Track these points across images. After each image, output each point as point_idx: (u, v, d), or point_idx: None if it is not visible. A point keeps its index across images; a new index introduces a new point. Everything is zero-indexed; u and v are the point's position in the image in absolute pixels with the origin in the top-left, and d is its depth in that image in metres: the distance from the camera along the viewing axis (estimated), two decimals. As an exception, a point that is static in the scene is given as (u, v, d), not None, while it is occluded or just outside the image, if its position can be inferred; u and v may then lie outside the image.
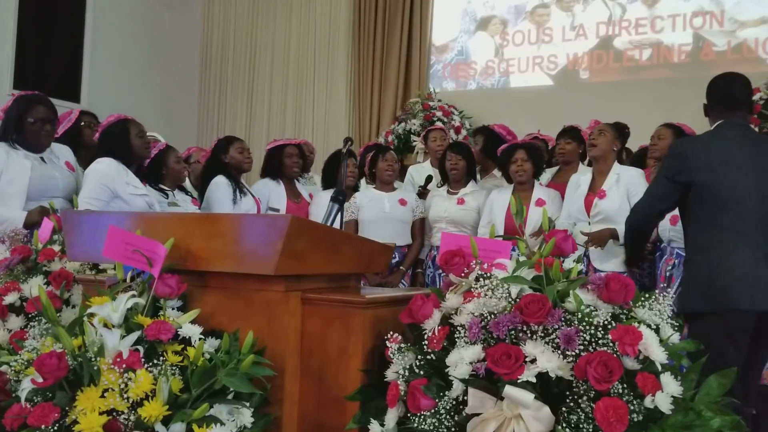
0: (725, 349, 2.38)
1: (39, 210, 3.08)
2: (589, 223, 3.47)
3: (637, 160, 4.24)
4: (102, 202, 3.07)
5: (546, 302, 1.53)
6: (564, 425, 1.44)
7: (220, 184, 3.83)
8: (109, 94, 7.12)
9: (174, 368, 1.59)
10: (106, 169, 3.12)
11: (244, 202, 3.82)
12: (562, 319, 1.53)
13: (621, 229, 3.24)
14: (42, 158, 3.30)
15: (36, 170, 3.20)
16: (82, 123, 3.85)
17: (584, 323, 1.51)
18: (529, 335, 1.53)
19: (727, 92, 2.71)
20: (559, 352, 1.50)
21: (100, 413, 1.48)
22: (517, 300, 1.58)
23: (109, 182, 3.08)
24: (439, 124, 6.21)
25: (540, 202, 3.65)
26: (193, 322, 1.74)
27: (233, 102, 8.31)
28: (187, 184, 4.24)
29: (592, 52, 6.72)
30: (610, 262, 3.36)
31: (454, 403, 1.57)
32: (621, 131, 3.83)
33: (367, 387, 1.75)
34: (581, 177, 3.66)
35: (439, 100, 6.94)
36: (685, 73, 6.17)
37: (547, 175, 4.15)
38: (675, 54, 6.31)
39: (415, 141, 6.64)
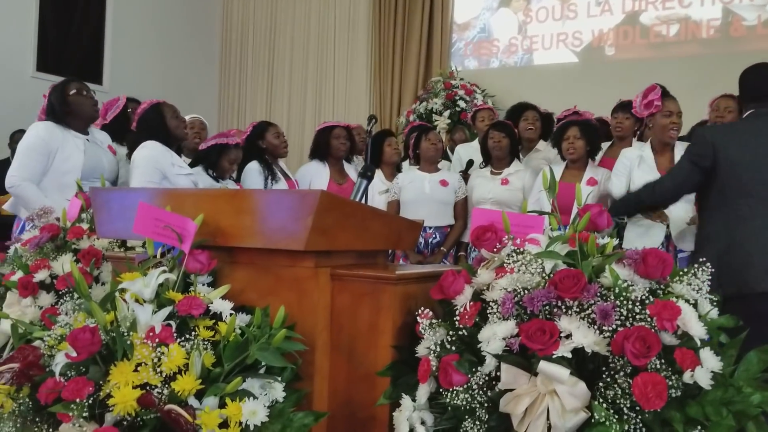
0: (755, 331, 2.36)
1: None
2: None
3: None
4: (155, 184, 3.12)
5: (581, 277, 1.51)
6: (600, 401, 1.42)
7: (252, 170, 3.91)
8: (130, 76, 7.14)
9: (206, 343, 1.60)
10: (152, 153, 3.19)
11: (275, 188, 3.86)
12: (598, 294, 1.50)
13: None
14: (87, 140, 3.37)
15: (88, 150, 3.28)
16: (129, 109, 3.90)
17: (621, 298, 1.48)
18: (563, 311, 1.51)
19: (757, 83, 2.76)
20: (595, 327, 1.47)
21: (134, 387, 1.49)
22: (551, 275, 1.56)
23: (157, 165, 3.17)
24: (487, 103, 6.13)
25: (591, 181, 3.60)
26: (223, 297, 1.74)
27: (254, 83, 8.31)
28: None
29: (618, 28, 6.61)
30: (692, 242, 3.21)
31: (486, 378, 1.55)
32: None
33: (398, 363, 1.74)
34: (642, 152, 3.52)
35: (461, 79, 6.89)
36: (714, 49, 6.05)
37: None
38: (704, 29, 6.19)
39: (436, 120, 6.60)
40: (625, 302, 1.48)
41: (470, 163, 4.57)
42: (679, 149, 3.41)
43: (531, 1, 7.03)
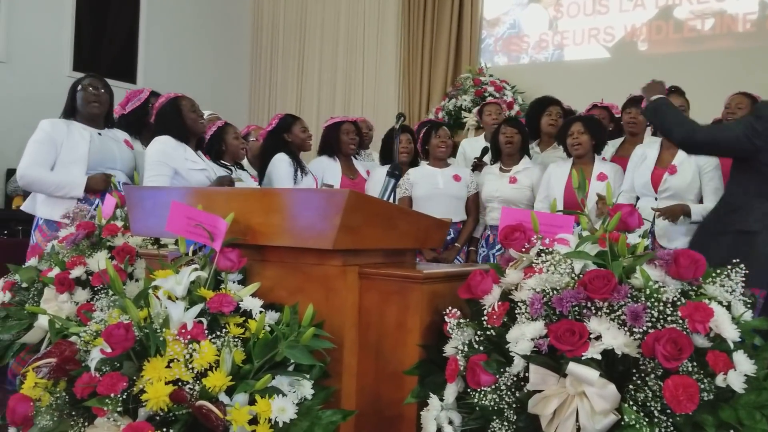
0: None
1: (101, 176, 3.18)
2: (656, 199, 3.35)
3: None
4: (164, 177, 3.12)
5: (612, 278, 1.50)
6: (631, 403, 1.41)
7: (282, 161, 3.87)
8: (163, 73, 7.24)
9: (236, 340, 1.62)
10: (162, 147, 3.18)
11: (304, 181, 3.86)
12: (629, 295, 1.49)
13: (694, 208, 3.17)
14: (99, 134, 3.40)
15: (95, 142, 3.30)
16: (151, 103, 3.92)
17: (652, 299, 1.47)
18: (593, 311, 1.50)
19: None
20: (626, 328, 1.46)
21: (166, 383, 1.51)
22: (581, 276, 1.55)
23: (167, 159, 3.14)
24: (493, 98, 6.10)
25: (602, 177, 3.54)
26: (253, 295, 1.76)
27: (284, 79, 8.35)
28: (244, 161, 4.29)
29: (651, 23, 6.50)
30: (678, 240, 3.23)
31: (515, 379, 1.55)
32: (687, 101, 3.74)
33: (425, 362, 1.75)
34: (647, 150, 3.51)
35: (491, 75, 6.83)
36: (750, 43, 5.92)
37: (611, 148, 4.02)
38: (739, 23, 6.06)
39: (465, 117, 6.57)
40: (656, 304, 1.46)
41: (485, 150, 4.49)
42: None
43: (562, -5, 6.96)
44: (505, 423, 1.52)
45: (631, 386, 1.44)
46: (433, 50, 7.43)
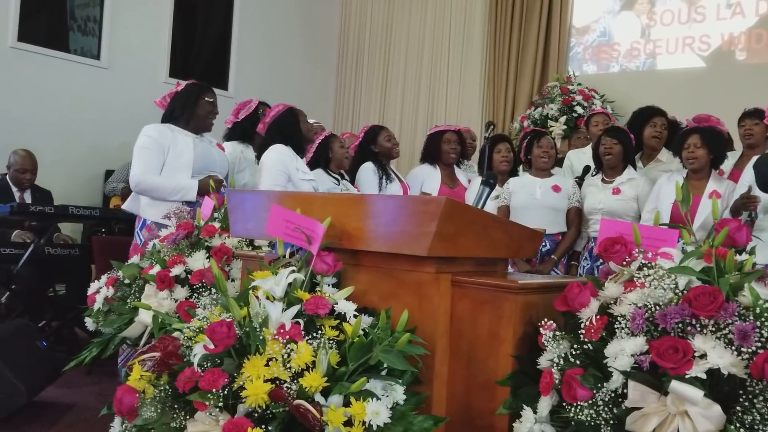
0: None
1: (208, 180, 3.32)
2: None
3: None
4: (281, 187, 3.24)
5: (719, 295, 1.44)
6: (737, 425, 1.36)
7: (367, 170, 3.97)
8: (253, 80, 7.47)
9: (331, 342, 1.65)
10: (280, 156, 3.31)
11: (390, 188, 3.92)
12: (736, 313, 1.43)
13: None
14: (197, 138, 3.53)
15: (197, 147, 3.44)
16: (260, 111, 4.09)
17: (762, 319, 1.40)
18: (698, 329, 1.45)
19: None
20: (733, 348, 1.40)
21: (265, 381, 1.56)
22: (684, 292, 1.50)
23: (284, 168, 3.28)
24: (606, 108, 5.91)
25: (714, 195, 3.39)
26: (347, 299, 1.79)
27: (368, 89, 8.46)
28: None
29: (750, 31, 6.24)
30: None
31: (612, 395, 1.51)
32: None
33: (518, 373, 1.73)
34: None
35: (579, 84, 6.71)
36: None
37: (730, 161, 3.84)
38: None
39: (552, 126, 6.47)
40: (766, 323, 1.40)
41: (587, 169, 4.42)
42: None
43: (655, 3, 6.76)
44: (602, 439, 1.48)
45: (738, 408, 1.38)
46: (519, 58, 7.36)
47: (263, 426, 1.52)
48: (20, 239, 4.46)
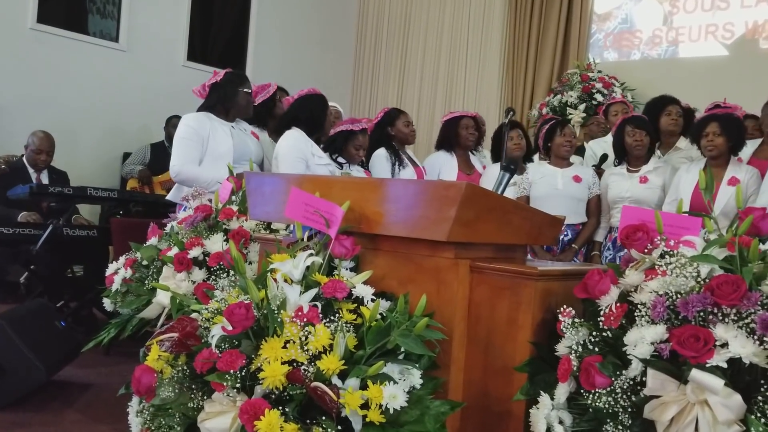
0: None
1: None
2: None
3: None
4: (301, 173, 3.25)
5: (741, 284, 1.42)
6: (759, 415, 1.34)
7: (380, 157, 3.96)
8: (271, 64, 7.47)
9: (348, 325, 1.65)
10: (296, 143, 3.32)
11: (402, 175, 3.91)
12: (760, 302, 1.41)
13: None
14: (233, 127, 3.56)
15: (235, 136, 3.47)
16: (277, 96, 4.09)
17: (786, 309, 1.39)
18: (720, 318, 1.43)
19: None
20: (755, 337, 1.39)
21: (282, 363, 1.56)
22: (707, 280, 1.48)
23: (301, 154, 3.29)
24: (626, 97, 5.84)
25: (733, 181, 3.36)
26: (365, 283, 1.79)
27: (386, 74, 8.42)
28: None
29: (775, 19, 6.13)
30: None
31: (631, 383, 1.50)
32: None
33: (536, 359, 1.72)
34: None
35: (599, 71, 6.64)
36: None
37: (749, 149, 3.80)
38: None
39: (571, 114, 6.41)
40: (790, 313, 1.38)
41: (604, 157, 4.38)
42: None
43: (678, -10, 6.66)
44: (620, 427, 1.47)
45: (759, 398, 1.37)
46: (539, 45, 7.29)
47: (280, 407, 1.52)
48: (25, 220, 4.51)
